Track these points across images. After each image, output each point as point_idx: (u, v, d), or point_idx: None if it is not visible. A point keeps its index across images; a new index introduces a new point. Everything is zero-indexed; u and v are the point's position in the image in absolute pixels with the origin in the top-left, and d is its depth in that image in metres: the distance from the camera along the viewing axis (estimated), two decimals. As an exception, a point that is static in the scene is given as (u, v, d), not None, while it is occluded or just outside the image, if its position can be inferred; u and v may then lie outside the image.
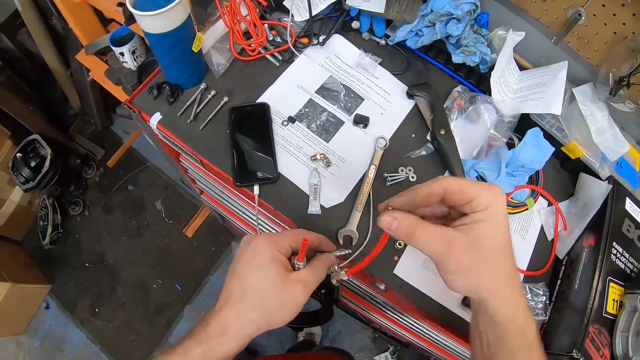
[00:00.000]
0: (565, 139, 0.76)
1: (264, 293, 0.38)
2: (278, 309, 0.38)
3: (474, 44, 0.76)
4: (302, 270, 0.41)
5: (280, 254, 0.40)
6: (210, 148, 0.65)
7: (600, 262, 0.64)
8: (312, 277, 0.41)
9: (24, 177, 1.53)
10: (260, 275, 0.38)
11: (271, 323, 0.38)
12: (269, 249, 0.40)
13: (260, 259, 0.39)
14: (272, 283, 0.38)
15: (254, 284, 0.38)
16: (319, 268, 0.43)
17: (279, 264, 0.40)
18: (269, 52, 0.72)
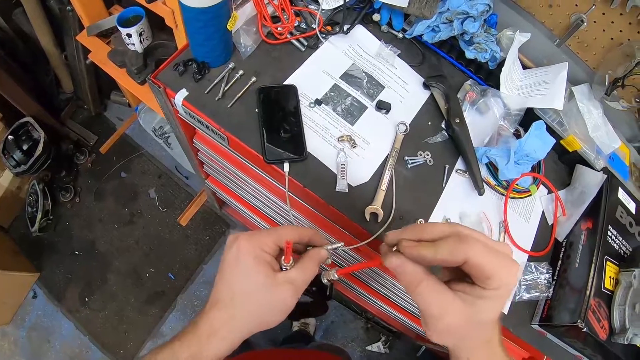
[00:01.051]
0: (565, 133, 0.82)
1: (253, 297, 0.37)
2: (268, 312, 0.38)
3: (485, 41, 0.81)
4: (291, 271, 0.39)
5: (264, 254, 0.39)
6: (238, 126, 0.67)
7: (598, 242, 0.70)
8: (301, 277, 0.39)
9: (15, 160, 1.48)
10: (246, 279, 0.37)
11: (262, 325, 0.38)
12: (253, 249, 0.38)
13: (244, 261, 0.38)
14: (259, 286, 0.37)
15: (241, 288, 0.38)
16: (308, 266, 0.41)
17: (264, 265, 0.38)
18: (296, 37, 0.74)
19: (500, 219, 0.73)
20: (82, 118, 1.86)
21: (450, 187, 0.71)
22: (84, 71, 1.60)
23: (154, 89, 0.72)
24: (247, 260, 0.38)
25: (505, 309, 0.69)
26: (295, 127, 0.66)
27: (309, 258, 0.42)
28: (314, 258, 0.42)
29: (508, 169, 0.73)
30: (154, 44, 1.20)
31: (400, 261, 0.35)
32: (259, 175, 0.74)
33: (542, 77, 0.84)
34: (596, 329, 0.65)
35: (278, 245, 0.40)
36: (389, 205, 0.66)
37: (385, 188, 0.66)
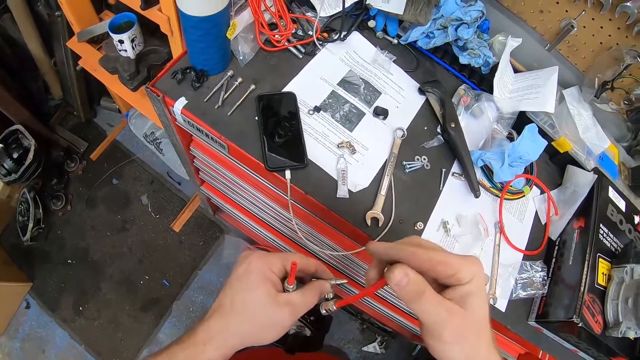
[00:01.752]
0: (556, 135, 0.85)
1: (251, 309, 0.39)
2: (264, 327, 0.39)
3: (478, 47, 0.84)
4: (292, 293, 0.41)
5: (272, 274, 0.41)
6: (238, 134, 0.68)
7: (591, 240, 0.73)
8: (301, 301, 0.41)
9: (5, 169, 1.46)
10: (249, 292, 0.39)
11: (256, 339, 0.39)
12: (262, 267, 0.41)
13: (252, 276, 0.40)
14: (260, 301, 0.39)
15: (242, 299, 0.39)
16: (309, 294, 0.42)
17: (269, 283, 0.40)
18: (293, 44, 0.75)
19: (495, 220, 0.76)
20: (72, 125, 1.84)
21: (447, 190, 0.74)
22: (74, 77, 1.58)
23: (152, 98, 0.72)
24: (254, 276, 0.40)
25: (503, 307, 0.71)
26: (295, 135, 0.67)
27: (312, 287, 0.44)
28: (316, 288, 0.44)
29: (503, 171, 0.76)
30: (146, 49, 1.20)
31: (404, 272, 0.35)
32: (259, 182, 0.75)
33: (533, 80, 0.87)
34: (591, 324, 0.68)
35: (286, 269, 0.43)
36: (388, 209, 0.67)
37: (385, 193, 0.68)
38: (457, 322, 0.35)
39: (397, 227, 0.67)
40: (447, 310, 0.35)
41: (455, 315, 0.35)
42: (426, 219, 0.70)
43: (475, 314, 0.36)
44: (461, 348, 0.36)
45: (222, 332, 0.39)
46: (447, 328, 0.35)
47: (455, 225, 0.72)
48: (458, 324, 0.35)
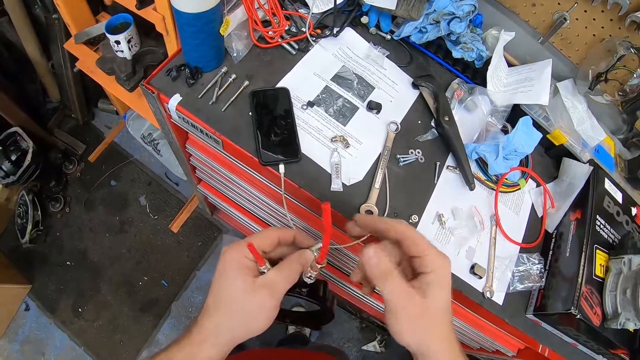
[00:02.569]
0: (551, 127, 0.85)
1: (232, 303, 0.39)
2: (250, 317, 0.39)
3: (471, 41, 0.84)
4: (267, 273, 0.41)
5: (245, 261, 0.41)
6: (232, 129, 0.68)
7: (587, 231, 0.73)
8: (278, 278, 0.40)
9: (4, 171, 1.47)
10: (228, 285, 0.40)
11: (247, 331, 0.39)
12: (236, 257, 0.40)
13: (229, 269, 0.40)
14: (238, 291, 0.39)
15: (223, 294, 0.40)
16: (286, 268, 0.42)
17: (244, 271, 0.40)
18: (286, 41, 0.76)
19: (491, 213, 0.76)
20: (69, 127, 1.85)
21: (442, 184, 0.74)
22: (71, 79, 1.60)
23: (147, 95, 0.73)
24: (231, 269, 0.40)
25: (500, 300, 0.71)
26: (289, 129, 0.68)
27: (290, 260, 0.43)
28: (295, 260, 0.43)
29: (497, 164, 0.76)
30: (142, 50, 1.21)
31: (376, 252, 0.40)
32: (254, 178, 0.76)
33: (527, 74, 0.87)
34: (589, 316, 0.67)
35: (264, 250, 0.43)
36: (382, 202, 0.68)
37: (379, 186, 0.68)
38: (414, 308, 0.38)
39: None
40: (407, 294, 0.38)
41: (413, 301, 0.38)
42: (421, 212, 0.70)
43: (434, 304, 0.38)
44: (413, 332, 0.38)
45: (213, 330, 0.39)
46: (405, 311, 0.38)
47: (450, 218, 0.72)
48: (414, 309, 0.38)
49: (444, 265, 0.40)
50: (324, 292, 0.48)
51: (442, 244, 0.70)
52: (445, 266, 0.40)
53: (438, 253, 0.40)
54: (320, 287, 0.48)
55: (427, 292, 0.38)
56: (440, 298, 0.39)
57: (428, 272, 0.39)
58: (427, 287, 0.39)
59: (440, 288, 0.39)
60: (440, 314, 0.39)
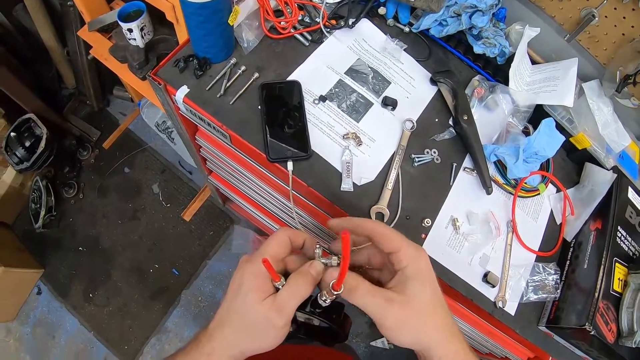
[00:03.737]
0: (575, 130, 0.80)
1: (242, 317, 0.38)
2: (258, 334, 0.38)
3: (494, 36, 0.78)
4: (279, 292, 0.38)
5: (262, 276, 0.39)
6: (240, 123, 0.64)
7: (607, 243, 0.68)
8: (288, 296, 0.37)
9: (17, 157, 1.46)
10: (241, 300, 0.38)
11: (254, 347, 0.38)
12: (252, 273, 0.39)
13: (244, 285, 0.38)
14: (249, 308, 0.37)
15: (236, 307, 0.39)
16: (297, 284, 0.38)
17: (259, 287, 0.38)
18: (299, 32, 0.71)
19: (508, 219, 0.71)
20: (84, 114, 1.83)
21: (458, 186, 0.69)
22: (86, 66, 1.58)
23: (154, 86, 0.69)
24: (245, 284, 0.38)
25: (512, 310, 0.67)
26: (299, 124, 0.64)
27: (299, 274, 0.39)
28: (305, 273, 0.39)
29: (517, 167, 0.71)
30: (155, 38, 1.18)
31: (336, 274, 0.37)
32: (262, 173, 0.72)
33: (551, 72, 0.81)
34: (604, 332, 0.63)
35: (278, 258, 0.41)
36: (395, 204, 0.63)
37: (391, 187, 0.63)
38: (397, 309, 0.36)
39: (404, 222, 0.63)
40: (384, 299, 0.36)
41: (393, 303, 0.36)
42: (434, 216, 0.66)
43: (417, 299, 0.36)
44: (406, 333, 0.37)
45: (221, 343, 0.38)
46: (388, 316, 0.36)
47: (465, 223, 0.67)
48: (397, 310, 0.36)
49: (418, 256, 0.38)
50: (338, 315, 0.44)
51: (455, 250, 0.65)
52: (420, 257, 0.38)
53: (411, 244, 0.38)
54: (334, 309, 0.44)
55: (407, 287, 0.37)
56: (422, 291, 0.37)
57: (404, 266, 0.37)
58: (406, 282, 0.37)
59: (420, 281, 0.37)
60: (429, 307, 0.37)
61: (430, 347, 0.37)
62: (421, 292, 0.37)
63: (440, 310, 0.38)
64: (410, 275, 0.37)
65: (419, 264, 0.37)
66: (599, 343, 0.63)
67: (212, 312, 1.57)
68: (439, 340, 0.37)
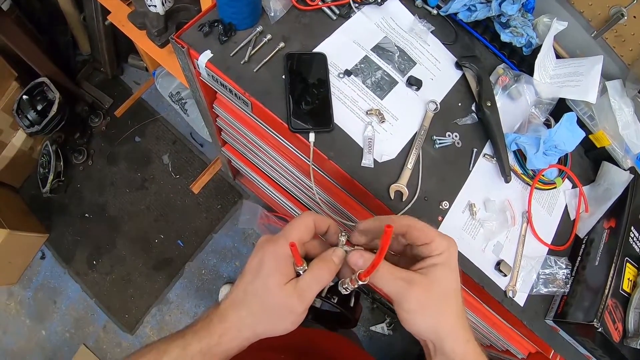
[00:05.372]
0: (595, 127, 0.77)
1: (262, 299, 0.36)
2: (277, 317, 0.37)
3: (521, 26, 0.76)
4: (301, 277, 0.37)
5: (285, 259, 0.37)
6: (263, 91, 0.62)
7: (620, 242, 0.67)
8: (310, 283, 0.37)
9: (29, 120, 1.42)
10: (261, 282, 0.36)
11: (270, 330, 0.37)
12: (275, 255, 0.37)
13: (266, 266, 0.37)
14: (270, 290, 0.36)
15: (253, 289, 0.37)
16: (319, 271, 0.37)
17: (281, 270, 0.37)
18: (327, 5, 0.68)
19: (524, 209, 0.69)
20: (98, 80, 1.79)
21: (477, 172, 0.67)
22: (102, 33, 1.53)
23: (176, 49, 0.67)
24: (267, 266, 0.37)
25: (522, 301, 0.65)
26: (323, 97, 0.61)
27: (322, 261, 0.38)
28: (328, 259, 0.38)
29: (537, 158, 0.69)
30: (176, 6, 1.13)
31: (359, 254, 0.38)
32: (281, 144, 0.70)
33: (576, 68, 0.79)
34: (611, 330, 0.62)
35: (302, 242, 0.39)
36: (414, 184, 0.61)
37: (411, 167, 0.61)
38: (418, 292, 0.35)
39: (422, 204, 0.61)
40: (405, 280, 0.36)
41: (415, 285, 0.35)
42: (452, 199, 0.63)
43: (441, 285, 0.36)
44: (423, 317, 0.36)
45: (235, 323, 0.36)
46: (408, 297, 0.35)
47: (481, 209, 0.65)
48: (419, 293, 0.35)
49: (450, 246, 0.37)
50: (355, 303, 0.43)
51: (470, 236, 0.63)
52: (452, 247, 0.37)
53: (444, 236, 0.38)
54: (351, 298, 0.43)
55: (432, 274, 0.36)
56: (448, 278, 0.37)
57: (435, 255, 0.37)
58: (432, 269, 0.36)
59: (448, 269, 0.37)
60: (451, 295, 0.37)
61: (442, 336, 0.36)
62: (445, 279, 0.36)
63: (456, 300, 0.37)
64: (439, 262, 0.36)
65: (449, 253, 0.37)
66: (604, 341, 0.62)
67: (214, 285, 1.56)
68: (453, 330, 0.36)
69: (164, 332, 1.52)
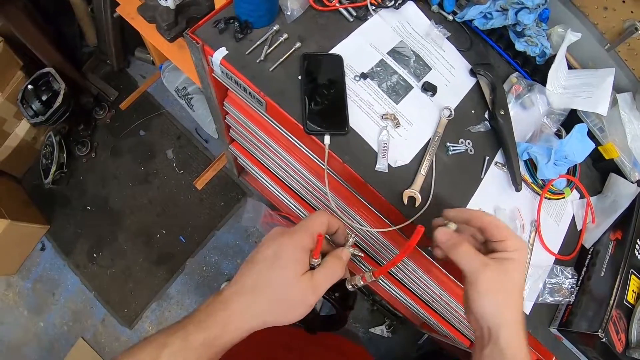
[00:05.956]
0: (604, 139, 0.77)
1: (274, 289, 0.36)
2: (290, 308, 0.37)
3: (536, 35, 0.76)
4: (316, 271, 0.38)
5: (303, 252, 0.38)
6: (278, 91, 0.61)
7: (626, 254, 0.67)
8: (325, 278, 0.38)
9: (33, 110, 1.40)
10: (275, 273, 0.37)
11: (278, 320, 0.37)
12: (293, 248, 0.37)
13: (284, 258, 0.37)
14: (284, 281, 0.36)
15: (267, 279, 0.37)
16: (333, 267, 0.39)
17: (299, 262, 0.37)
18: (345, 6, 0.68)
19: (532, 218, 0.69)
20: (104, 73, 1.77)
21: (488, 180, 0.67)
22: (110, 25, 1.52)
23: (190, 45, 0.66)
24: (285, 258, 0.37)
25: (528, 309, 0.65)
26: (339, 99, 0.60)
27: (335, 258, 0.40)
28: (340, 259, 0.40)
29: (547, 168, 0.68)
30: (186, 1, 1.13)
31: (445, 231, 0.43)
32: (293, 145, 0.69)
33: (587, 79, 0.78)
34: (614, 341, 0.62)
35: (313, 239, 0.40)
36: (427, 190, 0.61)
37: (425, 172, 0.61)
38: (490, 274, 0.38)
39: (434, 209, 0.60)
40: (481, 262, 0.39)
41: (489, 267, 0.39)
42: (463, 206, 0.63)
43: (512, 277, 0.39)
44: (492, 298, 0.38)
45: (242, 312, 0.36)
46: (482, 278, 0.38)
47: (491, 217, 0.65)
48: (491, 275, 0.38)
49: (523, 247, 0.41)
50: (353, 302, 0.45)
51: (480, 243, 0.63)
52: (524, 248, 0.41)
53: (519, 237, 0.41)
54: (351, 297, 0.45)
55: (505, 263, 0.39)
56: (516, 272, 0.39)
57: (510, 251, 0.40)
58: (505, 261, 0.39)
59: (518, 264, 0.40)
60: (518, 290, 0.40)
61: (503, 325, 0.38)
62: (517, 272, 0.39)
63: (520, 297, 0.40)
64: (512, 257, 0.39)
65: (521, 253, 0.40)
66: (606, 351, 0.62)
67: (215, 282, 1.55)
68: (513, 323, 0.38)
69: (162, 327, 1.50)
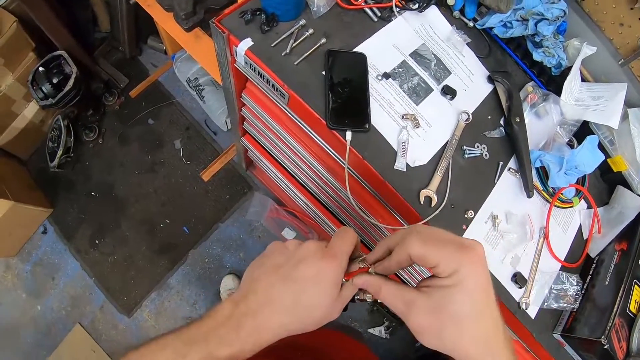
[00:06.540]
0: (614, 152, 0.79)
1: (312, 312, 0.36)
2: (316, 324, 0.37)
3: (553, 47, 0.77)
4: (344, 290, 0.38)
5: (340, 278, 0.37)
6: (302, 85, 0.62)
7: (631, 265, 0.68)
8: (349, 295, 0.38)
9: (43, 92, 1.39)
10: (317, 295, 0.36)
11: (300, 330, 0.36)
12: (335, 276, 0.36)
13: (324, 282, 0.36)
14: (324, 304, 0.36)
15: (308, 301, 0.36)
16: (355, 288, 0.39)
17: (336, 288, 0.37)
18: (370, 6, 0.69)
19: (541, 225, 0.70)
20: (115, 59, 1.76)
21: (501, 185, 0.68)
22: (124, 11, 1.51)
23: (215, 34, 0.66)
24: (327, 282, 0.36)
25: (533, 313, 0.66)
26: (361, 97, 0.61)
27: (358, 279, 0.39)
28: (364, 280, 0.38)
29: (559, 176, 0.70)
30: (206, -9, 1.12)
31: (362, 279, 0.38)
32: (311, 140, 0.70)
33: (600, 92, 0.80)
34: (616, 348, 0.63)
35: None
36: (442, 191, 0.62)
37: (441, 174, 0.62)
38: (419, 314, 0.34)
39: (448, 211, 0.61)
40: (405, 302, 0.34)
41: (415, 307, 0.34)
42: (477, 209, 0.64)
43: (447, 309, 0.32)
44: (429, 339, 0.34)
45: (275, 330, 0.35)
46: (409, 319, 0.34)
47: (503, 221, 0.66)
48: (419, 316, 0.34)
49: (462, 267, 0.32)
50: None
51: (491, 246, 0.64)
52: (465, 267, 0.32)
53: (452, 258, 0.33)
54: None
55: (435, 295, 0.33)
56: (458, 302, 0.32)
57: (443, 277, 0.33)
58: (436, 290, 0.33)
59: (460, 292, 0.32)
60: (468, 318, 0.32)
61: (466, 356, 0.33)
62: (454, 303, 0.32)
63: (484, 322, 0.33)
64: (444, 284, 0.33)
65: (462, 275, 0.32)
66: (608, 358, 0.63)
67: (217, 275, 1.54)
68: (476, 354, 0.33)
69: (161, 317, 1.49)
